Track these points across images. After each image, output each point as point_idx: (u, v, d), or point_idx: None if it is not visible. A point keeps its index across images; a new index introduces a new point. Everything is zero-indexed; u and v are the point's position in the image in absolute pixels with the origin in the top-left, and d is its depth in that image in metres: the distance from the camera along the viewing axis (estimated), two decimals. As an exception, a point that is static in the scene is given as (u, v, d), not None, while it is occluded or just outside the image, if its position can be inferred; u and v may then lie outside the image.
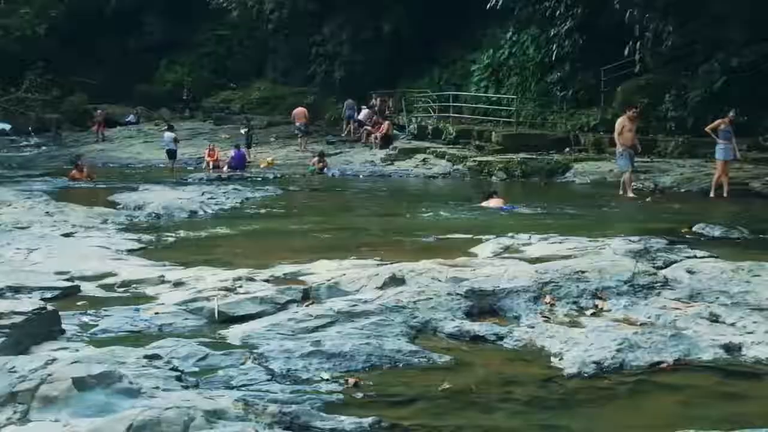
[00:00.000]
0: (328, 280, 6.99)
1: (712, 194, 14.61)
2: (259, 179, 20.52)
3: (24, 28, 40.23)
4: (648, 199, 14.36)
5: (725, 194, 14.39)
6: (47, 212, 11.76)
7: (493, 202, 14.10)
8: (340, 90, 32.61)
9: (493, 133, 22.52)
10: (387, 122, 26.60)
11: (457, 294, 6.49)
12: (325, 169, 22.40)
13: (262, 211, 13.67)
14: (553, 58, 23.11)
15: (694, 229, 10.17)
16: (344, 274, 7.19)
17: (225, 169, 23.37)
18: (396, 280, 6.87)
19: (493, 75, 25.84)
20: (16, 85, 26.58)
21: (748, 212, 12.44)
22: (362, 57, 31.39)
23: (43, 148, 32.73)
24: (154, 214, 12.71)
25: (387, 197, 16.47)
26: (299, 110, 28.43)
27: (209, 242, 10.18)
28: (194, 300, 6.34)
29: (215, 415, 4.06)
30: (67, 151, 30.52)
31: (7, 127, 37.98)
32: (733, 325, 5.91)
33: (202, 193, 15.09)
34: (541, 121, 23.68)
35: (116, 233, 10.40)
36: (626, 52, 19.18)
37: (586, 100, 22.89)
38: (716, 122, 14.83)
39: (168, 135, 24.45)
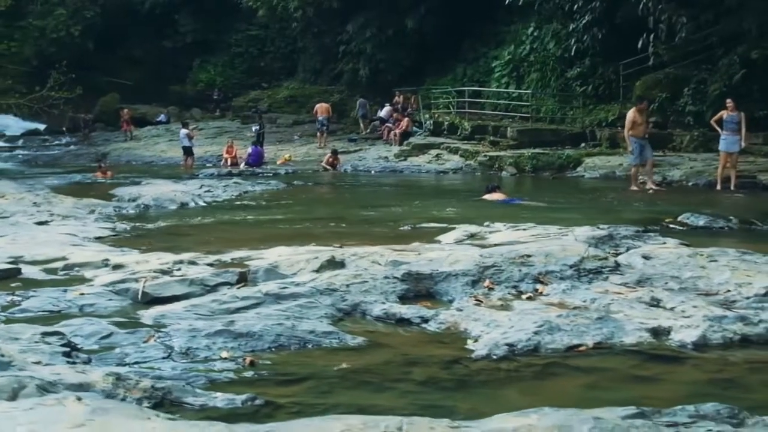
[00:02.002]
0: (270, 264, 6.86)
1: (718, 187, 14.24)
2: (270, 174, 20.51)
3: (59, 30, 40.91)
4: (650, 192, 14.02)
5: (732, 187, 14.01)
6: (35, 203, 11.81)
7: (495, 196, 13.88)
8: (366, 88, 32.58)
9: (509, 128, 22.25)
10: (406, 119, 26.46)
11: (394, 277, 6.32)
12: (338, 165, 22.30)
13: (253, 203, 13.60)
14: (572, 53, 22.76)
15: (679, 218, 9.89)
16: (289, 258, 7.06)
17: (242, 165, 23.41)
18: (335, 264, 6.72)
19: (514, 71, 25.57)
20: (43, 84, 27.01)
21: (749, 204, 12.08)
22: (386, 55, 31.30)
23: (72, 147, 33.22)
24: (143, 205, 12.72)
25: (388, 191, 16.34)
26: (322, 105, 28.47)
27: (183, 231, 10.14)
28: (122, 281, 6.25)
29: (81, 388, 3.95)
30: (95, 150, 30.99)
31: (41, 126, 38.74)
32: (672, 309, 5.64)
33: (200, 186, 15.09)
34: (561, 117, 23.36)
35: (93, 222, 10.41)
36: (639, 45, 18.77)
37: (606, 95, 22.53)
38: (719, 114, 14.46)
39: (182, 132, 24.58)
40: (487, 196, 13.87)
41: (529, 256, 6.62)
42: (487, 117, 24.73)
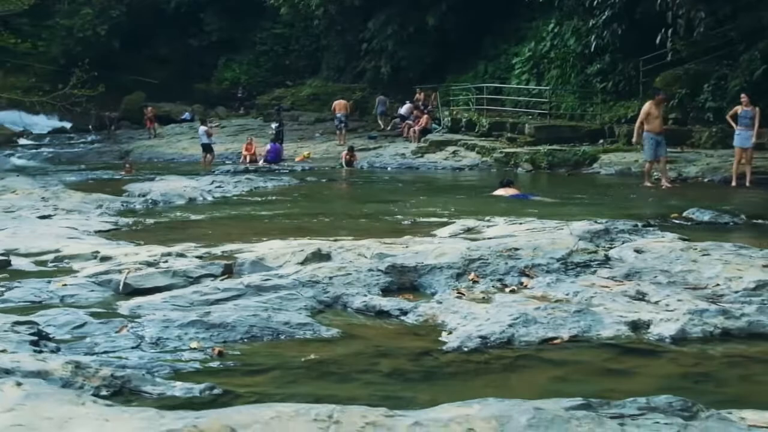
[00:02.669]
0: (257, 257, 6.83)
1: (733, 183, 14.02)
2: (285, 171, 20.52)
3: (85, 29, 41.29)
4: (663, 188, 13.84)
5: (748, 183, 13.78)
6: (43, 198, 11.89)
7: (508, 191, 13.73)
8: (388, 85, 32.55)
9: (527, 125, 22.10)
10: (425, 116, 26.37)
11: (378, 270, 6.27)
12: (355, 162, 22.26)
13: (261, 198, 13.58)
14: (592, 49, 22.54)
15: (684, 214, 9.75)
16: (278, 251, 7.03)
17: (261, 162, 23.45)
18: (321, 256, 6.68)
19: (534, 68, 25.39)
20: (65, 83, 27.30)
21: (761, 200, 11.87)
22: (408, 52, 31.22)
23: (96, 144, 33.51)
24: (151, 201, 12.76)
25: (400, 187, 16.25)
26: (340, 102, 28.48)
27: (184, 225, 10.15)
28: (106, 273, 6.25)
29: (39, 376, 3.95)
30: (118, 147, 31.24)
31: (68, 124, 39.17)
32: (656, 303, 5.54)
33: (211, 182, 15.13)
34: (581, 113, 23.16)
35: (97, 216, 10.44)
36: (658, 41, 18.54)
37: (627, 91, 22.26)
38: (734, 109, 14.24)
39: (201, 129, 24.69)
40: (500, 191, 13.73)
41: (516, 249, 6.54)
42: (507, 114, 24.56)
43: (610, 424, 3.04)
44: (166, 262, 6.70)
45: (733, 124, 14.18)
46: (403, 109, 28.55)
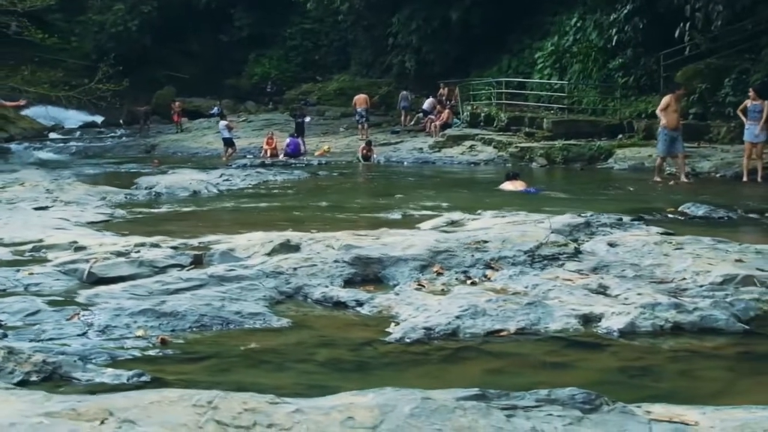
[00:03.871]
0: (228, 247, 6.86)
1: (744, 178, 13.78)
2: (302, 165, 20.60)
3: (117, 25, 41.77)
4: (671, 183, 13.65)
5: (759, 179, 13.54)
6: (48, 190, 12.05)
7: (515, 185, 13.61)
8: (414, 80, 32.48)
9: (545, 120, 21.91)
10: (447, 111, 26.29)
11: (343, 261, 6.26)
12: (372, 156, 22.26)
13: (265, 192, 13.65)
14: (614, 43, 22.27)
15: (680, 208, 9.61)
16: (249, 240, 7.06)
17: (281, 156, 23.54)
18: (289, 247, 6.69)
19: (557, 62, 25.15)
20: (91, 78, 27.69)
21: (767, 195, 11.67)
22: (432, 47, 31.12)
23: (124, 138, 33.85)
24: (155, 193, 12.88)
25: (410, 181, 16.17)
26: (360, 96, 28.47)
27: (178, 216, 10.24)
28: (73, 262, 6.31)
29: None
30: (144, 142, 31.55)
31: (99, 119, 39.62)
32: (616, 296, 5.47)
33: (220, 175, 15.21)
34: (602, 108, 22.91)
35: (93, 208, 10.55)
36: (677, 34, 18.28)
37: (648, 85, 21.96)
38: (744, 103, 14.00)
39: (222, 123, 24.85)
40: (506, 185, 13.61)
41: (485, 241, 6.49)
42: (527, 108, 24.37)
43: (497, 415, 2.99)
44: (138, 252, 6.74)
45: (744, 119, 13.94)
46: (426, 104, 28.49)
